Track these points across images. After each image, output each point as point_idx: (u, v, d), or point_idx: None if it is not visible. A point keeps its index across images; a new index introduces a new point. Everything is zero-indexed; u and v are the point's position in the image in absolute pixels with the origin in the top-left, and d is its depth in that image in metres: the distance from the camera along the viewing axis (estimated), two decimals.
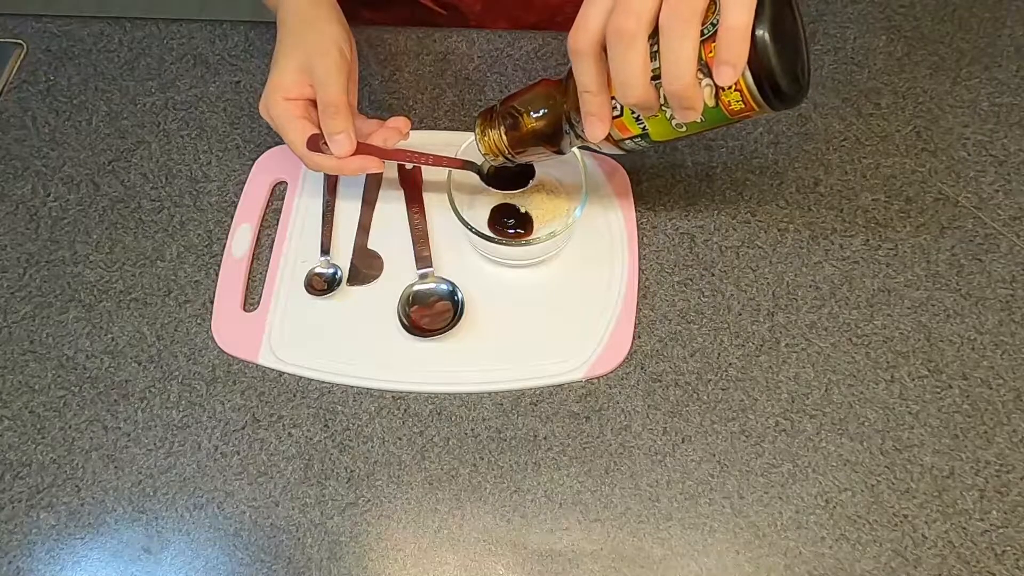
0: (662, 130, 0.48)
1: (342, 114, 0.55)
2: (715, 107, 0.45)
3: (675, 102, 0.43)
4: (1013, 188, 0.63)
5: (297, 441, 0.56)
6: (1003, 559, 0.51)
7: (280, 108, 0.56)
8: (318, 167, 0.57)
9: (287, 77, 0.56)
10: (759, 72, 0.42)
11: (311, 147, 0.56)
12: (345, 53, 0.57)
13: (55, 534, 0.54)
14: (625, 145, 0.51)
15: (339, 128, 0.55)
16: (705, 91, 0.44)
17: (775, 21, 0.41)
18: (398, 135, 0.59)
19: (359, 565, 0.52)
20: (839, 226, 0.62)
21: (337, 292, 0.61)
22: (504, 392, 0.57)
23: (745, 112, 0.44)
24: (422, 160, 0.58)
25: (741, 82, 0.42)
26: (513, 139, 0.54)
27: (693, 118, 0.44)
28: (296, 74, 0.56)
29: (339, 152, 0.56)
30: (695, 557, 0.52)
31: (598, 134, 0.48)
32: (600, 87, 0.46)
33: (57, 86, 0.72)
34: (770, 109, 0.44)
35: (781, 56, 0.42)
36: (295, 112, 0.57)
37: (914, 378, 0.57)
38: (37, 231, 0.65)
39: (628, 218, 0.63)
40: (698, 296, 0.60)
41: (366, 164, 0.57)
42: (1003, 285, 0.60)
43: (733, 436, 0.55)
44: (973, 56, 0.70)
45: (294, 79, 0.56)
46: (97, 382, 0.59)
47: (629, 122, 0.48)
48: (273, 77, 0.57)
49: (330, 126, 0.55)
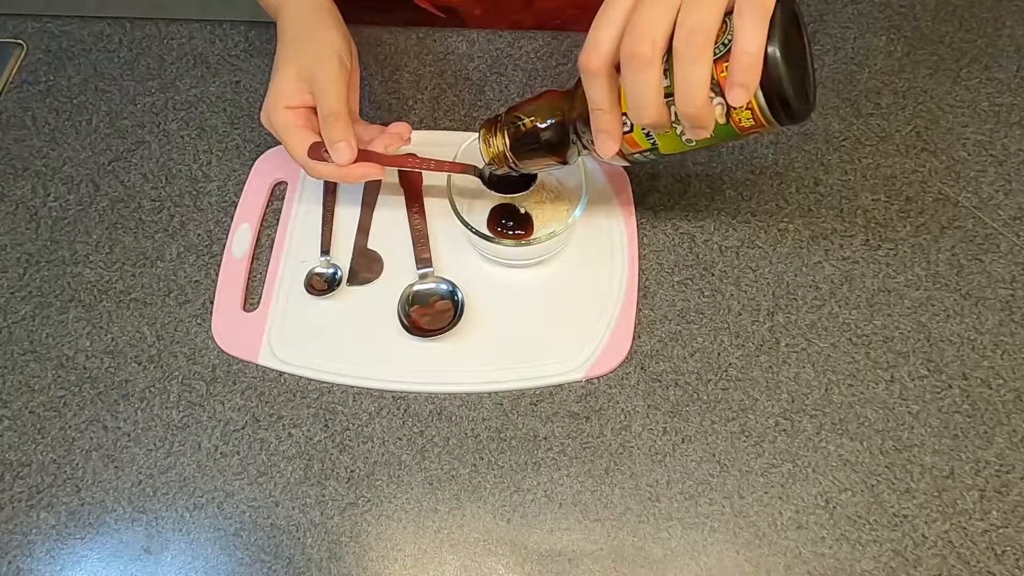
0: (672, 145, 0.48)
1: (342, 122, 0.55)
2: (726, 124, 0.45)
3: (688, 122, 0.44)
4: (1013, 188, 0.63)
5: (297, 441, 0.56)
6: (1003, 559, 0.51)
7: (282, 117, 0.56)
8: (320, 175, 0.57)
9: (288, 86, 0.56)
10: (770, 91, 0.42)
11: (312, 156, 0.56)
12: (345, 61, 0.57)
13: (55, 534, 0.54)
14: (633, 158, 0.51)
15: (339, 136, 0.55)
16: (716, 109, 0.44)
17: (785, 40, 0.42)
18: (400, 141, 0.59)
19: (359, 565, 0.52)
20: (839, 226, 0.62)
21: (337, 292, 0.61)
22: (504, 392, 0.57)
23: (755, 128, 0.45)
24: (425, 166, 0.58)
25: (752, 101, 0.43)
26: (518, 149, 0.54)
27: (704, 136, 0.45)
28: (296, 83, 0.56)
29: (340, 160, 0.56)
30: (695, 557, 0.52)
31: (609, 151, 0.48)
32: (612, 105, 0.46)
33: (57, 86, 0.72)
34: (779, 126, 0.44)
35: (791, 75, 0.42)
36: (296, 121, 0.57)
37: (914, 378, 0.57)
38: (37, 231, 0.65)
39: (628, 218, 0.63)
40: (698, 296, 0.60)
41: (368, 172, 0.57)
42: (1003, 285, 0.60)
43: (733, 436, 0.55)
44: (973, 56, 0.70)
45: (295, 88, 0.56)
46: (97, 382, 0.59)
47: (639, 137, 0.49)
48: (274, 86, 0.57)
49: (330, 135, 0.55)
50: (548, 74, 0.70)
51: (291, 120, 0.57)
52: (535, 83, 0.70)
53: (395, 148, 0.59)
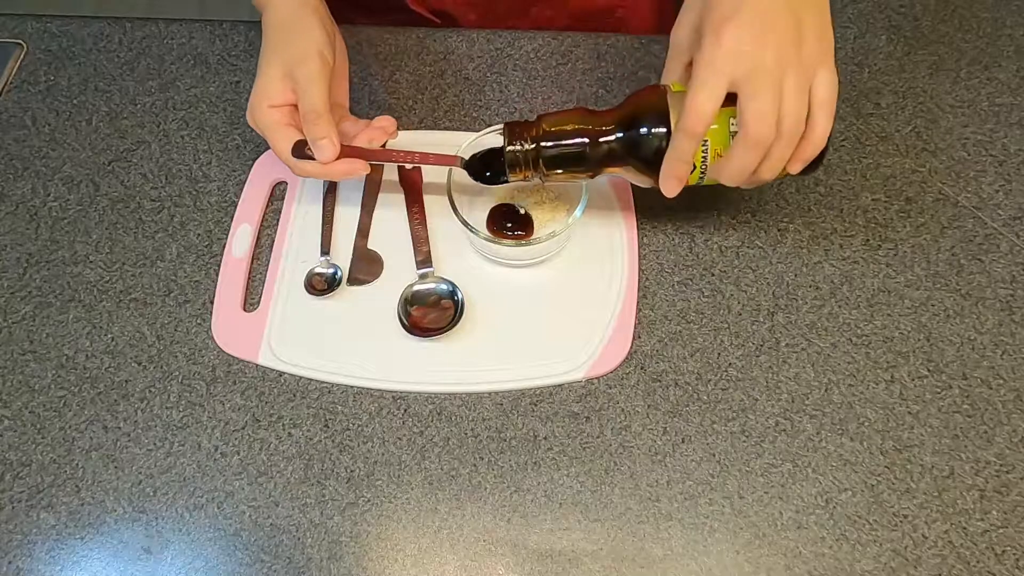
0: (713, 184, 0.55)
1: (324, 120, 0.55)
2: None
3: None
4: (1013, 188, 0.63)
5: (297, 441, 0.56)
6: (1003, 559, 0.51)
7: (266, 116, 0.57)
8: (305, 173, 0.57)
9: (271, 85, 0.56)
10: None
11: (296, 153, 0.56)
12: (327, 58, 0.57)
13: (55, 534, 0.54)
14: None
15: (321, 134, 0.55)
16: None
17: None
18: (384, 135, 0.59)
19: (359, 565, 0.52)
20: (839, 226, 0.62)
21: (337, 292, 0.61)
22: (504, 392, 0.57)
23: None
24: (409, 159, 0.58)
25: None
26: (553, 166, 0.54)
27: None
28: (280, 81, 0.56)
29: (322, 158, 0.56)
30: (695, 557, 0.52)
31: (673, 192, 0.53)
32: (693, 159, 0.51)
33: (57, 86, 0.72)
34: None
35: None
36: (281, 119, 0.57)
37: (914, 378, 0.57)
38: (37, 231, 0.65)
39: (628, 218, 0.63)
40: (698, 296, 0.60)
41: (352, 168, 0.57)
42: (1003, 285, 0.60)
43: (733, 436, 0.55)
44: (973, 56, 0.70)
45: (278, 87, 0.56)
46: (97, 382, 0.59)
47: (693, 178, 0.54)
48: (258, 85, 0.57)
49: (312, 132, 0.55)
50: (548, 74, 0.70)
51: (276, 118, 0.57)
52: (535, 83, 0.70)
53: (379, 142, 0.58)
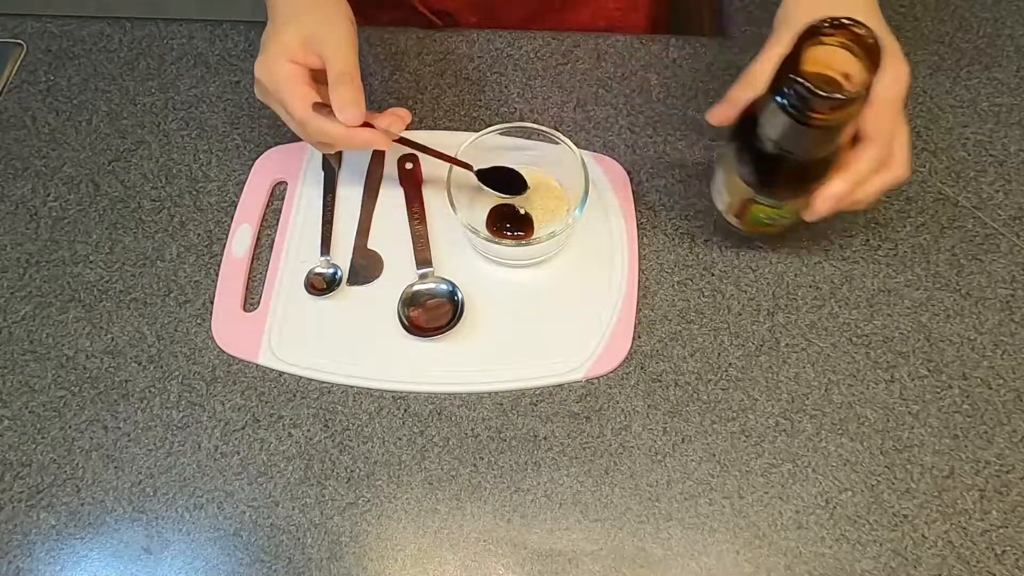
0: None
1: (356, 83, 0.54)
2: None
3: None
4: (1013, 188, 0.63)
5: (297, 441, 0.56)
6: (1003, 559, 0.51)
7: (285, 70, 0.54)
8: (322, 135, 0.55)
9: (293, 41, 0.54)
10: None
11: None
12: (355, 25, 0.56)
13: (55, 534, 0.54)
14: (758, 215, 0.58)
15: (351, 97, 0.53)
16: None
17: None
18: (402, 123, 0.58)
19: (359, 565, 0.52)
20: (839, 226, 0.62)
21: (337, 292, 0.61)
22: (504, 392, 0.57)
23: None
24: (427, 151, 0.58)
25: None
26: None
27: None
28: (299, 42, 0.55)
29: (349, 121, 0.54)
30: (695, 557, 0.52)
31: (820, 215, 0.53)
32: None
33: (57, 86, 0.72)
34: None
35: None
36: (299, 75, 0.55)
37: (914, 378, 0.57)
38: (37, 231, 0.65)
39: (628, 218, 0.63)
40: (698, 296, 0.60)
41: (375, 138, 0.55)
42: (1003, 285, 0.60)
43: (733, 436, 0.55)
44: (973, 56, 0.70)
45: (299, 45, 0.55)
46: (97, 382, 0.59)
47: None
48: (274, 41, 0.55)
49: (342, 94, 0.53)
50: (548, 74, 0.70)
51: (293, 71, 0.55)
52: (535, 83, 0.70)
53: (398, 129, 0.57)
